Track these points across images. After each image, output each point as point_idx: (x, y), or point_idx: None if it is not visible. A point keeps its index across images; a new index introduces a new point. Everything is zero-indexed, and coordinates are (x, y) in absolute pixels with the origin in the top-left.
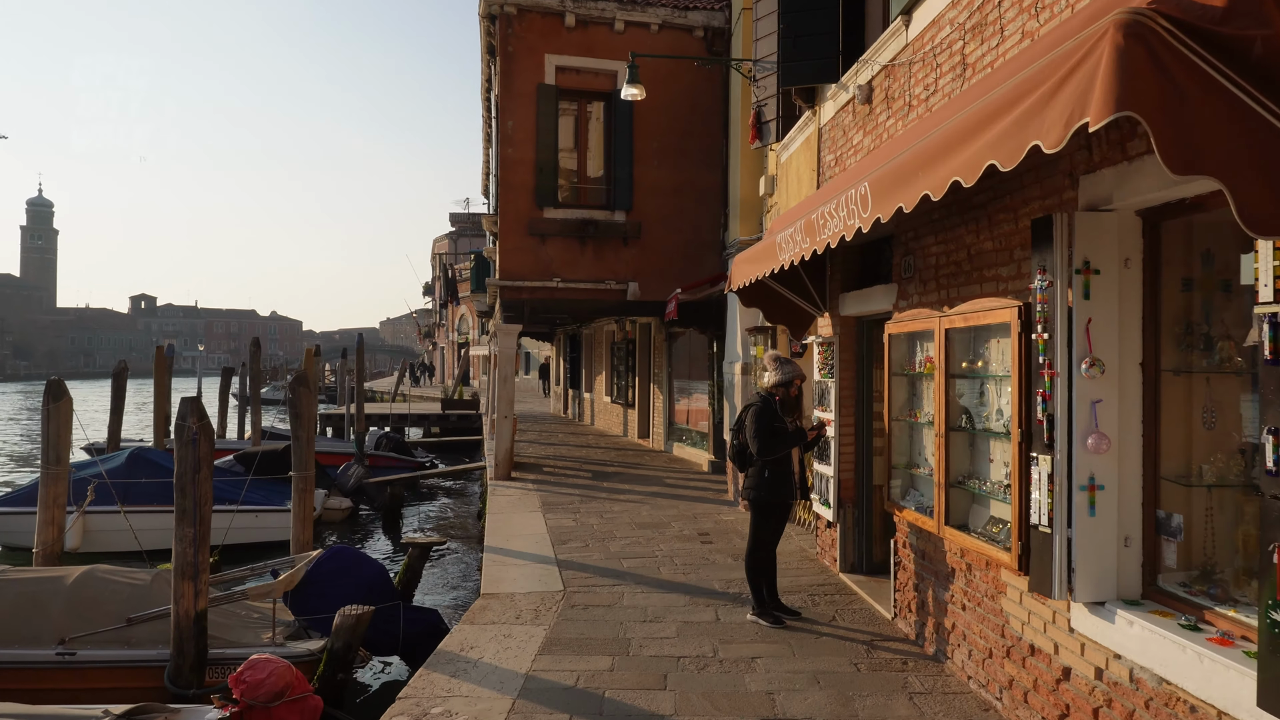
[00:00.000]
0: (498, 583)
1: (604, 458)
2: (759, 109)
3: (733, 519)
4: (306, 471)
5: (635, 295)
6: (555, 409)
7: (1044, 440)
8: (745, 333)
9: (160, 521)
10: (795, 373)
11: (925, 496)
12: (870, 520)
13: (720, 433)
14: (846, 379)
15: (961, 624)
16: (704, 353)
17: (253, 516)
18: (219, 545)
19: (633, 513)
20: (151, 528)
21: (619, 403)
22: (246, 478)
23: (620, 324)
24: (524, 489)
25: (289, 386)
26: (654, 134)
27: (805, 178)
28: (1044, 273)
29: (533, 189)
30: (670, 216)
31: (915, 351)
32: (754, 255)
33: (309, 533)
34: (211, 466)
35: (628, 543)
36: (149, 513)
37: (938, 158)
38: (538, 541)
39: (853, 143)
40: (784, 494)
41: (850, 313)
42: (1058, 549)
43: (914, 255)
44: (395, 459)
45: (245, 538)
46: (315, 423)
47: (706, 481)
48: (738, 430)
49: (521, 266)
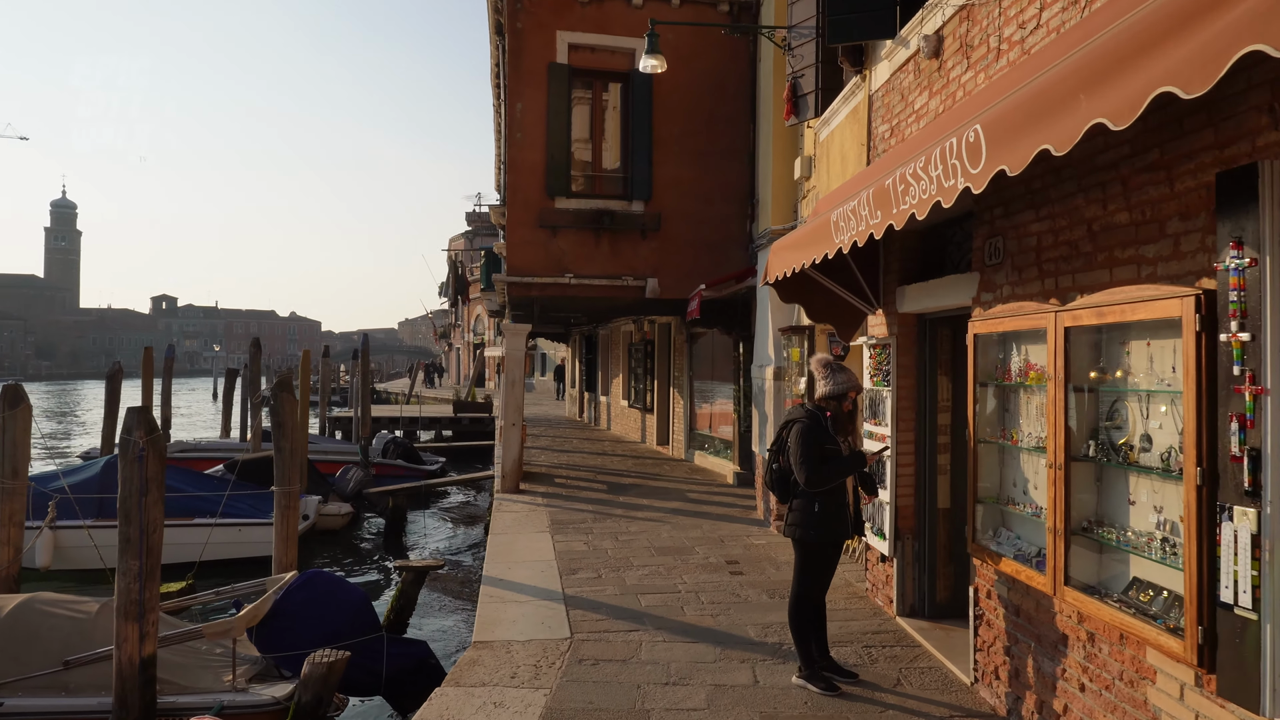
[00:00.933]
0: (493, 626)
1: (621, 467)
2: (795, 81)
3: (764, 543)
4: (290, 486)
5: (654, 292)
6: (571, 413)
7: (1242, 486)
8: (778, 333)
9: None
10: (851, 383)
11: (1026, 542)
12: (933, 554)
13: (747, 443)
14: (905, 387)
15: (1079, 709)
16: (728, 355)
17: (236, 530)
18: (195, 562)
19: (651, 534)
20: None
21: (637, 407)
22: (224, 493)
23: (638, 324)
24: (532, 504)
25: (271, 391)
26: (675, 118)
27: (851, 154)
28: (1240, 247)
29: (543, 177)
30: (692, 207)
31: (1009, 356)
32: (799, 240)
33: (293, 553)
34: (162, 487)
35: (646, 573)
36: None
37: (1120, 65)
38: (543, 571)
39: (914, 107)
40: (837, 532)
41: (910, 309)
42: (1270, 645)
43: (1004, 236)
44: (403, 467)
45: (227, 553)
46: (303, 431)
47: (732, 496)
48: (777, 452)
49: (531, 261)
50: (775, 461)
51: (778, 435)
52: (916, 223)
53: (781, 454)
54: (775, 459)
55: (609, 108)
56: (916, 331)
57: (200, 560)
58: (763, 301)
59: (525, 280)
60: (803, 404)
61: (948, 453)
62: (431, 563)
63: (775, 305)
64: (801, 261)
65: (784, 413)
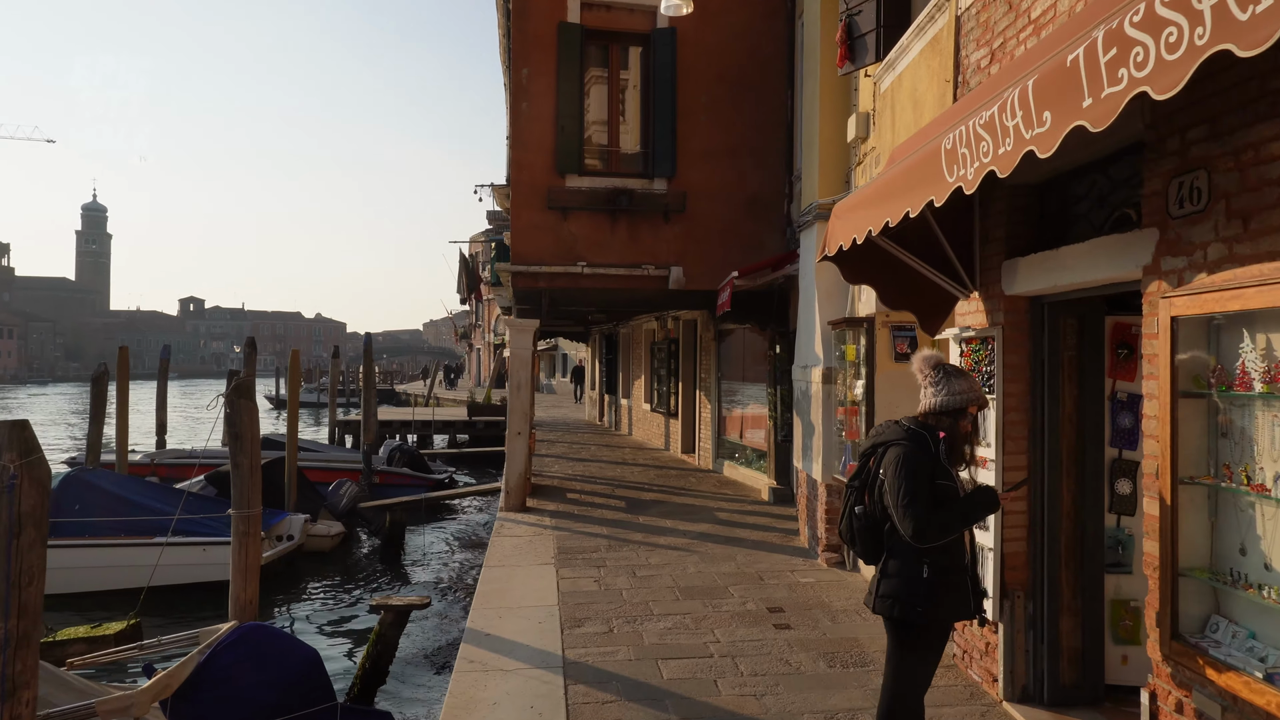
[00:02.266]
0: (468, 710)
1: (641, 478)
2: (850, 20)
3: (811, 582)
4: (250, 510)
5: (679, 283)
6: (590, 416)
7: None
8: (828, 327)
9: (94, 558)
10: (972, 393)
11: (1269, 646)
12: (1054, 618)
13: (784, 454)
14: (1015, 395)
15: None
16: (761, 354)
17: (200, 550)
18: (144, 588)
19: (676, 567)
20: (84, 565)
21: (660, 411)
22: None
23: (661, 321)
24: (538, 526)
25: (226, 399)
26: (702, 84)
27: (928, 97)
28: None
29: (552, 152)
30: (722, 186)
31: (1233, 350)
32: (880, 191)
33: (254, 588)
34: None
35: (669, 626)
36: (80, 547)
37: None
38: (541, 622)
39: (1031, 16)
40: (955, 607)
41: (1022, 290)
42: None
43: (1210, 169)
44: (409, 476)
45: (189, 577)
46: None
47: (768, 516)
48: (860, 488)
49: (538, 248)
50: (859, 502)
51: (861, 465)
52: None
53: (869, 491)
54: (858, 498)
55: (627, 74)
56: (1029, 320)
57: (150, 585)
58: (807, 290)
59: (532, 270)
60: (899, 421)
61: (1074, 482)
62: (415, 601)
63: (825, 293)
64: (884, 219)
65: (835, 422)
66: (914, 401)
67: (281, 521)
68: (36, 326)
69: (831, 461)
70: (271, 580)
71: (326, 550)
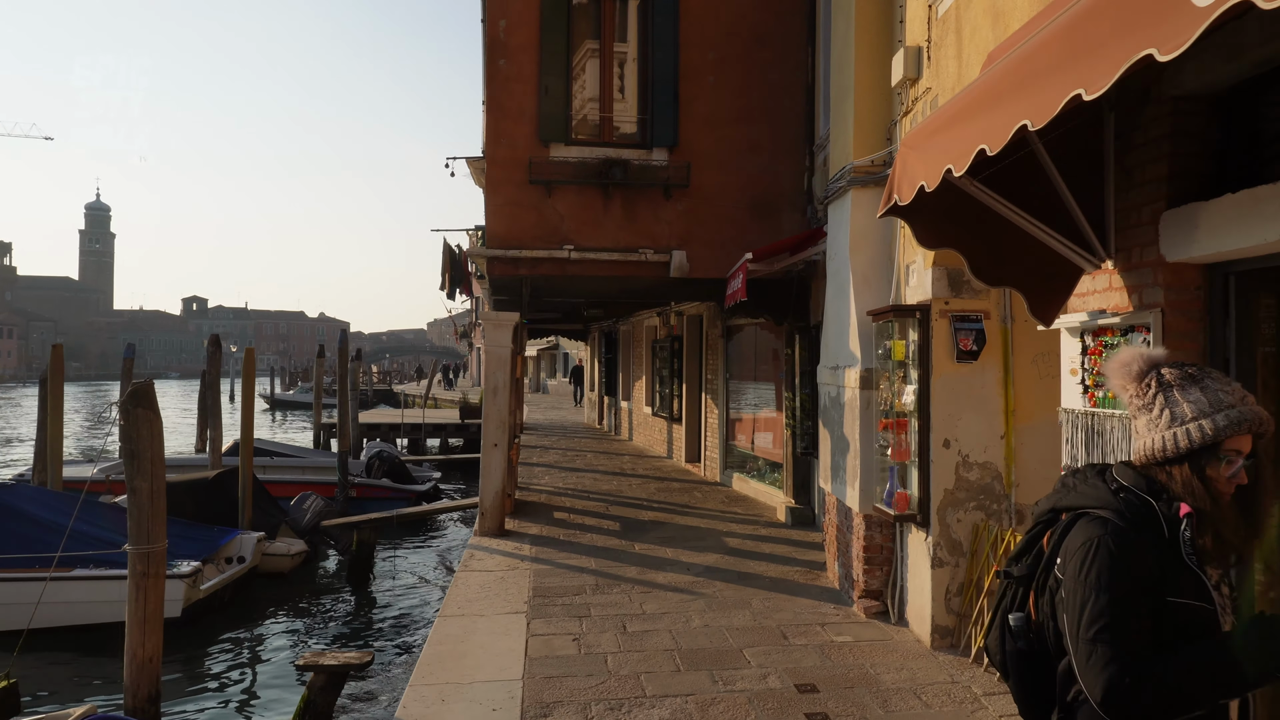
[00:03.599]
0: None
1: (640, 493)
2: None
3: (849, 641)
4: (152, 546)
5: (682, 269)
6: (589, 419)
7: None
8: (866, 318)
9: (15, 593)
10: (1246, 413)
11: None
12: None
13: (804, 467)
14: None
15: None
16: (776, 353)
17: (96, 586)
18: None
19: (677, 618)
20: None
21: (662, 415)
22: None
23: (663, 317)
24: (515, 558)
25: (120, 410)
26: (709, 41)
27: (1010, 5)
28: None
29: (534, 118)
30: (732, 157)
31: None
32: (983, 98)
33: (155, 641)
34: None
35: (665, 715)
36: None
37: None
38: (496, 709)
39: None
40: None
41: (1198, 254)
42: None
43: None
44: (387, 489)
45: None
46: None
47: (787, 544)
48: (1029, 577)
49: (518, 229)
50: (1019, 607)
51: (1030, 540)
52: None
53: (1038, 592)
54: (1019, 598)
55: (622, 27)
56: (1206, 299)
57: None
58: (838, 274)
59: (510, 255)
60: (1107, 470)
61: None
62: (354, 658)
63: (862, 277)
64: (991, 138)
65: (877, 437)
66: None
67: (231, 542)
68: (38, 326)
69: (872, 487)
70: (215, 612)
71: (285, 571)
